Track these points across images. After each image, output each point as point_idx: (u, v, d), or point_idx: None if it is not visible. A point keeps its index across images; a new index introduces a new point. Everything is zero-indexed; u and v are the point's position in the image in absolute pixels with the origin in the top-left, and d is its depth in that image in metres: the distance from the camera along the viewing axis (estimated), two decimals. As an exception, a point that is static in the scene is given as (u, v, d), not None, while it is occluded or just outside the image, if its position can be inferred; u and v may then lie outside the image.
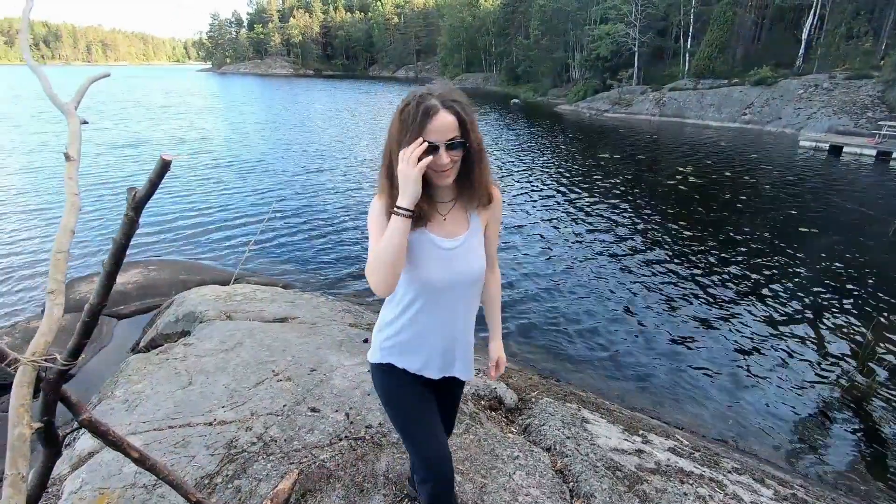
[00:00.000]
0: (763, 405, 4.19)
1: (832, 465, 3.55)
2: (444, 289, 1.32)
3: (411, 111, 1.15)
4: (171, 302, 4.86)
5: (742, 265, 7.18)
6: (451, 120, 1.15)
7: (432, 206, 1.31)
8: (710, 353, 4.98)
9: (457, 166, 1.22)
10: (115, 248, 0.79)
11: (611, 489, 2.07)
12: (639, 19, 30.66)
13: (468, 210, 1.34)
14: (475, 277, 1.34)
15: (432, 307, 1.35)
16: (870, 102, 19.81)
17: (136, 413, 2.54)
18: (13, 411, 0.77)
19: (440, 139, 1.15)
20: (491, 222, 1.40)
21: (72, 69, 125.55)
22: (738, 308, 5.91)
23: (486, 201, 1.33)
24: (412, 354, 1.42)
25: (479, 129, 1.24)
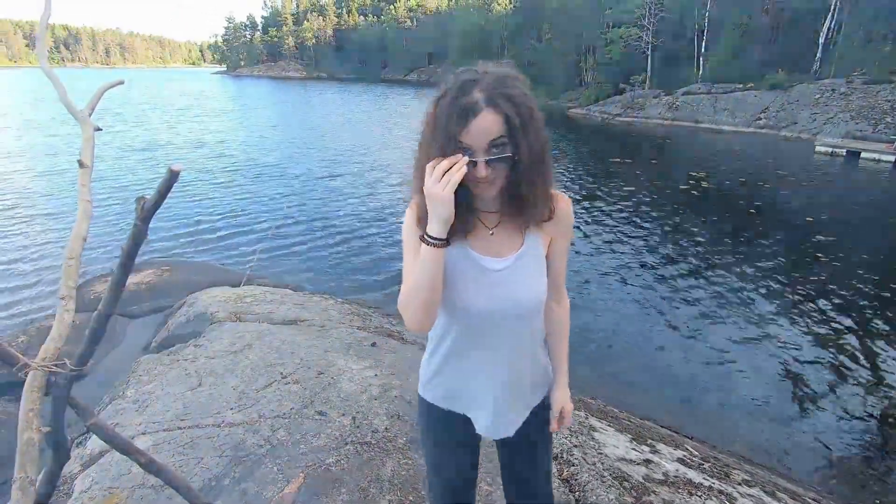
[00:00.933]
0: (776, 416, 4.13)
1: (845, 479, 3.48)
2: (485, 320, 1.04)
3: (446, 106, 0.89)
4: (182, 303, 4.92)
5: (756, 273, 7.08)
6: (495, 121, 0.87)
7: (474, 216, 1.03)
8: (720, 362, 4.91)
9: (502, 178, 0.94)
10: (124, 256, 0.80)
11: (617, 500, 2.05)
12: (652, 23, 30.45)
13: (523, 224, 1.04)
14: (527, 309, 1.04)
15: (473, 342, 1.09)
16: (888, 107, 19.45)
17: (146, 413, 2.57)
18: (23, 415, 0.78)
19: (478, 146, 0.88)
20: (556, 240, 1.08)
21: (90, 71, 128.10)
22: (748, 315, 5.82)
23: (546, 215, 1.02)
24: (457, 398, 1.17)
25: (543, 130, 0.93)
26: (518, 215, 1.02)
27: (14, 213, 8.98)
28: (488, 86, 0.87)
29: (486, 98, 0.86)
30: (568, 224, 1.08)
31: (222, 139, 18.96)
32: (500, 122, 0.87)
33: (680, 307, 6.02)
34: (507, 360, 1.08)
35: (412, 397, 2.77)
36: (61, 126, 20.36)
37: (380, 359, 3.42)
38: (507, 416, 1.15)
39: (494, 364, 1.09)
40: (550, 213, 1.02)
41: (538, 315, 1.10)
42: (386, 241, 8.18)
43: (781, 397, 4.37)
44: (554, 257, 1.11)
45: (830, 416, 4.13)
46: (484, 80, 0.88)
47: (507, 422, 1.16)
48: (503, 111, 0.87)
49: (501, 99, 0.87)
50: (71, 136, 17.90)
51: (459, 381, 1.14)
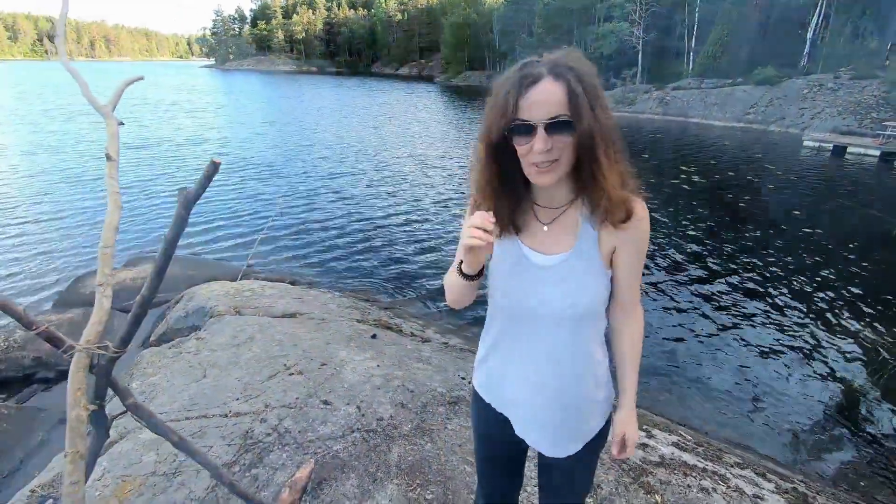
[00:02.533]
0: (766, 404, 4.25)
1: (833, 463, 3.60)
2: (523, 318, 1.01)
3: (508, 79, 0.87)
4: (180, 297, 4.93)
5: (745, 265, 7.22)
6: (556, 90, 0.83)
7: (529, 209, 1.00)
8: (712, 352, 5.03)
9: (563, 162, 0.88)
10: (166, 244, 0.84)
11: (616, 480, 2.13)
12: (643, 18, 30.62)
13: (584, 222, 0.97)
14: (572, 313, 0.97)
15: (514, 338, 1.06)
16: (874, 103, 19.76)
17: (153, 404, 2.61)
18: (71, 395, 0.83)
19: (538, 116, 0.83)
20: (624, 248, 0.97)
21: (75, 64, 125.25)
22: (740, 308, 5.95)
23: (617, 217, 0.93)
24: (496, 390, 1.13)
25: (609, 111, 0.88)
26: (586, 209, 0.96)
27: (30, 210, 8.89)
28: (551, 60, 0.86)
29: (550, 68, 0.84)
30: (640, 235, 0.96)
31: (216, 135, 18.81)
32: (562, 91, 0.83)
33: (665, 298, 6.14)
34: (547, 363, 1.02)
35: (415, 387, 2.83)
36: (52, 122, 20.08)
37: (381, 350, 3.48)
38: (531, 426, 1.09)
39: (535, 364, 1.03)
40: (626, 215, 0.93)
41: (585, 324, 1.00)
42: (383, 235, 8.22)
43: (769, 386, 4.49)
44: (619, 269, 0.99)
45: (818, 404, 4.26)
46: (547, 57, 0.87)
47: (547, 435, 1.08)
48: (566, 79, 0.83)
49: (567, 70, 0.84)
50: (59, 133, 17.69)
51: (499, 375, 1.10)
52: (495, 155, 0.92)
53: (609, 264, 0.99)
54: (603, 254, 0.97)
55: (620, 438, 1.10)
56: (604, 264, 0.98)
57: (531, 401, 1.05)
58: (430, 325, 5.18)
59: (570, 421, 1.06)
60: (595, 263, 0.97)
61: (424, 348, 3.85)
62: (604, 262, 0.98)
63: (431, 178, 12.45)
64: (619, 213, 0.92)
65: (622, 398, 1.10)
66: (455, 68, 60.85)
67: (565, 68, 0.84)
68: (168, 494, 1.94)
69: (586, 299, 0.96)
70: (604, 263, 0.98)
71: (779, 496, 2.33)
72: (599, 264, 0.97)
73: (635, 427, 1.10)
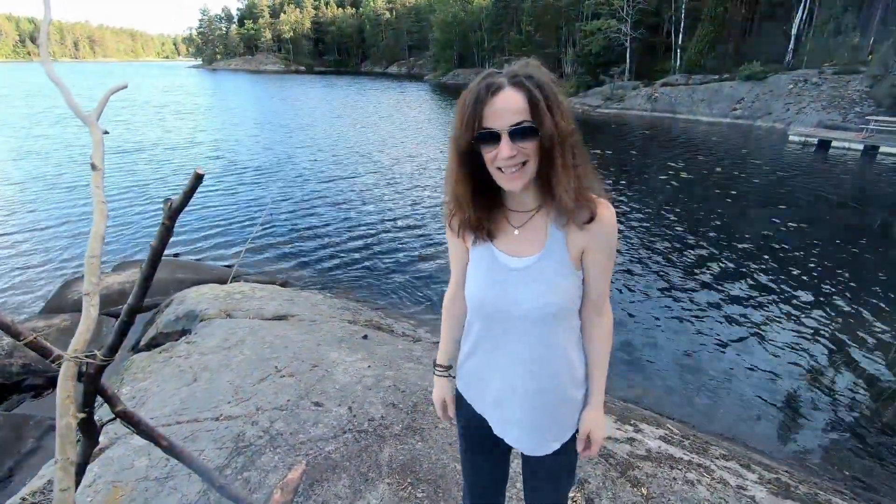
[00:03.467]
0: (751, 397, 4.32)
1: (817, 453, 3.69)
2: (499, 319, 1.05)
3: (472, 90, 0.91)
4: (170, 300, 4.91)
5: (731, 258, 7.32)
6: (517, 98, 0.88)
7: (500, 214, 1.05)
8: (698, 345, 5.10)
9: (530, 166, 0.92)
10: (152, 253, 0.86)
11: (604, 475, 2.17)
12: (630, 15, 30.76)
13: (552, 225, 1.01)
14: (545, 313, 1.00)
15: (489, 339, 1.10)
16: (858, 97, 20.04)
17: (143, 409, 2.61)
18: (60, 402, 0.84)
19: (502, 124, 0.88)
20: (592, 250, 1.00)
21: (59, 66, 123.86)
22: (726, 301, 6.04)
23: (581, 218, 0.96)
24: (475, 390, 1.18)
25: (568, 117, 0.92)
26: (547, 210, 1.00)
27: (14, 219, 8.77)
28: (511, 70, 0.91)
29: (510, 78, 0.90)
30: (605, 235, 0.99)
31: (204, 138, 18.67)
32: (523, 99, 0.88)
33: (651, 292, 6.21)
34: (523, 363, 1.05)
35: (406, 387, 2.86)
36: (36, 127, 19.80)
37: (372, 350, 3.50)
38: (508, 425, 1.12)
39: (510, 365, 1.07)
40: (590, 216, 0.96)
41: (558, 324, 1.03)
42: (374, 236, 8.22)
43: (754, 378, 4.57)
44: (589, 269, 1.03)
45: (802, 396, 4.35)
46: (507, 68, 0.93)
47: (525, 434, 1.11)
48: (526, 88, 0.88)
49: (525, 79, 0.89)
50: (44, 137, 17.47)
51: (478, 376, 1.15)
52: (465, 163, 0.97)
53: (579, 265, 1.03)
54: (572, 255, 1.01)
55: (585, 436, 1.13)
56: (574, 265, 1.01)
57: (509, 400, 1.09)
58: (421, 324, 5.21)
59: (547, 419, 1.09)
60: (565, 264, 1.01)
61: (416, 348, 3.87)
62: (573, 262, 1.01)
63: (422, 178, 12.46)
64: (579, 215, 0.96)
65: (589, 397, 1.13)
66: (444, 66, 60.76)
67: (525, 77, 0.89)
68: (160, 499, 1.95)
69: (558, 299, 1.00)
70: (574, 264, 1.01)
71: (762, 486, 2.39)
72: (569, 265, 1.01)
73: (602, 425, 1.13)
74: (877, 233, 8.45)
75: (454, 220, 1.07)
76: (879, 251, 7.63)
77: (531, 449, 1.12)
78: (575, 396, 1.11)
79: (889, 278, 6.60)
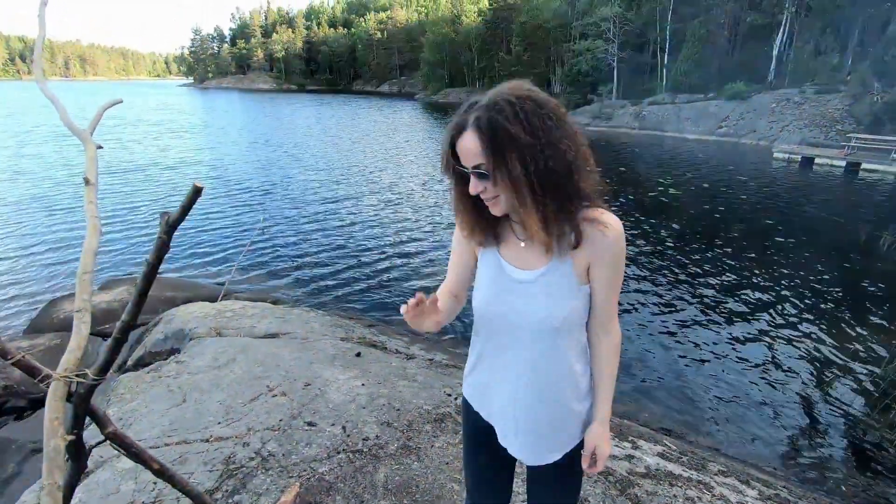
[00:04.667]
0: (748, 412, 4.31)
1: (815, 468, 3.67)
2: (503, 329, 1.06)
3: (451, 121, 0.94)
4: (158, 319, 4.82)
5: (722, 274, 7.38)
6: (474, 143, 0.89)
7: (507, 225, 1.06)
8: (693, 361, 5.10)
9: (502, 199, 0.94)
10: (148, 268, 0.84)
11: (604, 493, 2.14)
12: (617, 36, 31.53)
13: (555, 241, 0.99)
14: (548, 326, 1.00)
15: (494, 349, 1.11)
16: (838, 116, 20.57)
17: (130, 431, 2.54)
18: (48, 424, 0.81)
19: (467, 164, 0.92)
20: (597, 264, 0.99)
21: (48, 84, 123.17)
22: (718, 316, 6.07)
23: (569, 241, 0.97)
24: (482, 399, 1.18)
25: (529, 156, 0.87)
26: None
27: None
28: (483, 105, 0.89)
29: (475, 117, 0.89)
30: (606, 251, 0.97)
31: (196, 156, 18.64)
32: (478, 144, 0.89)
33: (647, 309, 6.23)
34: (525, 374, 1.05)
35: (400, 405, 2.81)
36: (27, 146, 19.65)
37: (366, 368, 3.45)
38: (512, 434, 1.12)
39: (514, 375, 1.07)
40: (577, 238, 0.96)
41: (562, 336, 1.03)
42: (367, 253, 8.19)
43: (748, 392, 4.57)
44: (595, 284, 1.02)
45: (797, 410, 4.35)
46: (485, 98, 0.91)
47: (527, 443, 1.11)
48: (483, 132, 0.87)
49: (487, 117, 0.87)
50: (33, 156, 17.33)
51: (484, 385, 1.15)
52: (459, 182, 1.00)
53: (585, 279, 1.02)
54: (577, 271, 1.00)
55: (590, 452, 1.11)
56: (579, 280, 1.01)
57: (511, 410, 1.09)
58: (415, 341, 5.16)
59: (548, 430, 1.09)
60: (571, 279, 1.00)
61: (410, 365, 3.82)
62: (579, 277, 1.01)
63: (415, 195, 12.50)
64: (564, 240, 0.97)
65: (595, 412, 1.13)
66: (435, 85, 61.55)
67: (489, 116, 0.87)
68: (147, 525, 1.88)
69: (562, 313, 1.00)
70: (579, 279, 1.01)
71: (762, 502, 2.36)
72: (575, 280, 1.00)
73: (606, 441, 1.12)
74: (862, 247, 8.58)
75: None
76: (866, 266, 7.75)
77: (532, 459, 1.12)
78: (578, 409, 1.10)
79: (877, 292, 6.69)
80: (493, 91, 0.92)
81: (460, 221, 1.06)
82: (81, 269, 0.97)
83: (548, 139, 0.88)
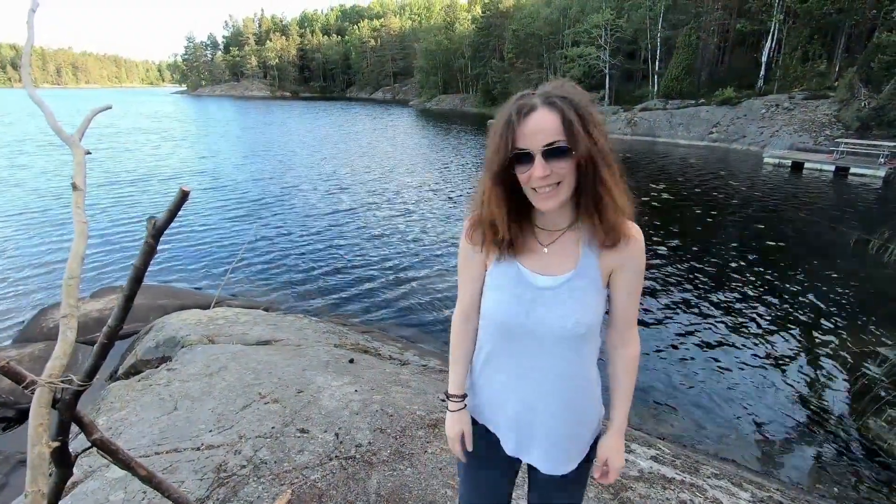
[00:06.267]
0: (740, 414, 4.33)
1: (807, 470, 3.68)
2: (521, 339, 1.01)
3: (505, 111, 0.92)
4: (150, 327, 4.79)
5: (713, 279, 7.43)
6: (551, 119, 0.87)
7: (529, 231, 1.02)
8: (685, 364, 5.12)
9: (564, 187, 0.91)
10: (135, 273, 0.84)
11: (597, 497, 2.13)
12: (609, 43, 31.85)
13: (583, 244, 0.99)
14: (572, 333, 0.98)
15: (507, 358, 1.06)
16: (827, 121, 20.85)
17: (120, 440, 2.51)
18: (32, 431, 0.80)
19: (535, 145, 0.87)
20: (621, 270, 0.99)
21: (41, 92, 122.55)
22: (709, 319, 6.10)
23: (611, 240, 0.96)
24: (491, 410, 1.13)
25: (605, 136, 0.91)
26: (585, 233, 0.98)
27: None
28: (544, 91, 0.91)
29: (544, 98, 0.89)
30: (636, 257, 0.98)
31: (191, 163, 18.59)
32: (557, 119, 0.87)
33: (640, 314, 6.25)
34: (549, 382, 1.03)
35: (394, 411, 2.80)
36: (19, 155, 19.51)
37: (359, 375, 3.44)
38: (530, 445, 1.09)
39: (533, 384, 1.04)
40: (616, 238, 0.95)
41: (585, 343, 1.01)
42: (360, 260, 8.18)
43: (741, 396, 4.59)
44: (617, 292, 1.01)
45: (790, 413, 4.37)
46: (541, 88, 0.92)
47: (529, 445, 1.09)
48: (559, 108, 0.87)
49: (559, 99, 0.88)
50: (23, 166, 17.20)
51: (491, 392, 1.10)
52: (499, 184, 0.95)
53: (606, 285, 1.02)
54: (603, 274, 0.99)
55: (603, 463, 1.10)
56: (602, 284, 1.00)
57: (529, 420, 1.06)
58: (408, 347, 5.15)
59: (568, 438, 1.07)
60: (597, 283, 0.99)
61: (403, 371, 3.82)
62: (603, 282, 1.00)
63: (409, 202, 12.51)
64: (612, 236, 0.95)
65: (611, 423, 1.11)
66: (429, 92, 61.82)
67: (558, 98, 0.88)
68: (136, 535, 1.86)
69: (589, 318, 0.98)
70: (603, 283, 1.01)
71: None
72: (600, 284, 1.00)
73: (621, 454, 1.10)
74: (852, 250, 8.66)
75: (476, 233, 1.04)
76: (855, 269, 7.82)
77: (552, 468, 1.08)
78: (592, 415, 1.10)
79: (867, 294, 6.75)
80: (552, 84, 0.93)
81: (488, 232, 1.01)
82: (68, 273, 0.97)
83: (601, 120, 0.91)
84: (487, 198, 0.98)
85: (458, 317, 1.18)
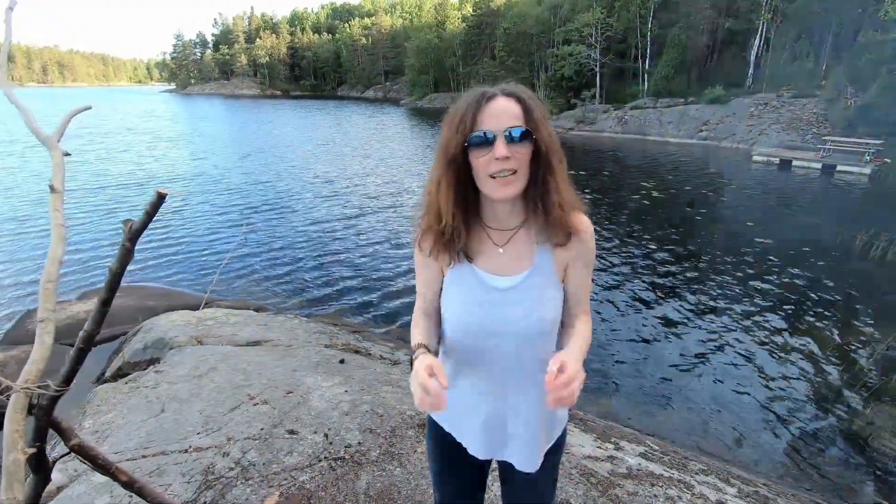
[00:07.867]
0: (727, 412, 4.37)
1: (794, 465, 3.73)
2: (486, 340, 1.00)
3: (465, 99, 0.94)
4: (138, 329, 4.74)
5: (703, 274, 7.49)
6: (513, 106, 0.90)
7: (481, 233, 1.02)
8: (674, 361, 5.16)
9: (520, 175, 0.91)
10: (111, 277, 0.83)
11: (585, 495, 2.15)
12: (599, 41, 31.96)
13: (537, 242, 1.00)
14: (536, 331, 0.98)
15: (474, 364, 1.04)
16: (814, 119, 21.09)
17: (106, 444, 2.48)
18: (7, 437, 0.79)
19: (497, 126, 0.88)
20: (575, 264, 1.01)
21: (26, 90, 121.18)
22: (699, 317, 6.16)
23: (564, 236, 0.97)
24: (452, 419, 1.13)
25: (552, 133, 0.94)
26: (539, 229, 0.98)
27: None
28: (501, 87, 0.95)
29: (501, 90, 0.93)
30: (587, 250, 1.00)
31: (178, 163, 18.42)
32: (518, 107, 0.90)
33: (627, 311, 6.29)
34: (516, 381, 1.03)
35: (384, 411, 2.79)
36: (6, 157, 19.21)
37: (349, 375, 3.43)
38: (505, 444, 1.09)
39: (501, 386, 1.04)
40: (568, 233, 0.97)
41: (547, 340, 1.02)
42: (351, 260, 8.15)
43: (729, 392, 4.64)
44: (570, 283, 1.02)
45: (777, 408, 4.42)
46: (498, 85, 0.96)
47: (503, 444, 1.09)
48: (519, 98, 0.91)
49: (515, 90, 0.93)
50: (6, 168, 16.94)
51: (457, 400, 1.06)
52: (452, 170, 0.94)
53: (562, 279, 1.03)
54: (558, 269, 1.01)
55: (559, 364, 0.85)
56: (559, 279, 1.02)
57: (501, 420, 1.06)
58: (399, 347, 5.14)
59: (542, 434, 1.08)
60: (553, 279, 1.00)
61: (394, 371, 3.81)
62: (559, 277, 1.02)
63: (399, 202, 12.49)
64: (566, 227, 0.96)
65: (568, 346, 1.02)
66: (420, 90, 61.65)
67: (517, 91, 0.93)
68: (122, 539, 1.84)
69: (551, 313, 0.99)
70: (559, 278, 1.02)
71: (741, 500, 2.39)
72: (557, 280, 1.01)
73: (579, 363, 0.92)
74: (838, 247, 8.78)
75: (425, 239, 1.03)
76: (841, 265, 7.93)
77: (530, 465, 1.08)
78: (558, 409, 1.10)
79: (853, 291, 6.85)
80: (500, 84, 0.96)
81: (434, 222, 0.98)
82: (45, 277, 0.95)
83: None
84: (438, 185, 0.97)
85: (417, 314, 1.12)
